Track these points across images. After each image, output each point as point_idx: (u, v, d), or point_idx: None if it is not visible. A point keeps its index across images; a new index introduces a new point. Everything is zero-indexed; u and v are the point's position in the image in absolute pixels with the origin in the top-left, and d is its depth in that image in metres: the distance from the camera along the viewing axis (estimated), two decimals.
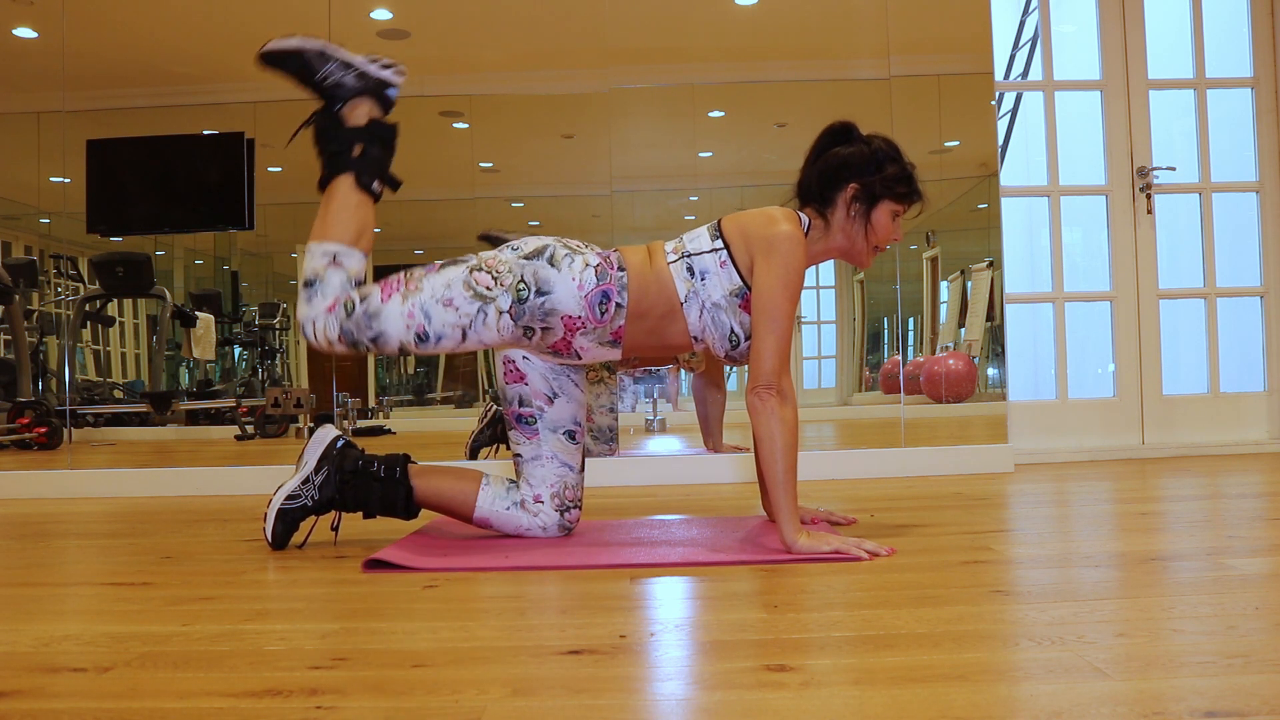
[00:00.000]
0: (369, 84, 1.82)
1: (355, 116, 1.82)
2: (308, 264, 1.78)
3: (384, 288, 1.77)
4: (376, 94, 1.84)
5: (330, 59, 1.80)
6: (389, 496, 1.85)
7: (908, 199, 1.84)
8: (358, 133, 1.82)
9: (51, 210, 3.42)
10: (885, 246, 1.88)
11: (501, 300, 1.75)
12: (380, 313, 1.74)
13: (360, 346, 1.77)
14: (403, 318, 1.74)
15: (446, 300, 1.75)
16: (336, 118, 1.82)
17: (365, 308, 1.75)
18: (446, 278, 1.77)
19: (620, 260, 1.80)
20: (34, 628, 1.28)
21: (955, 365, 3.54)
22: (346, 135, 1.81)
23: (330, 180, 1.82)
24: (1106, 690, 0.91)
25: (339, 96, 1.81)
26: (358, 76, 1.81)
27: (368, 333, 1.75)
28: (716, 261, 1.78)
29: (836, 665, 1.02)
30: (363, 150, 1.81)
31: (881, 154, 1.83)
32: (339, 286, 1.76)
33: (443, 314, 1.75)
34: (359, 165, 1.81)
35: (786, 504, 1.66)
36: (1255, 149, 3.59)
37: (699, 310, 1.80)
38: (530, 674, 1.02)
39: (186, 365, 3.83)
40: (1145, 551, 1.62)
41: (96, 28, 3.34)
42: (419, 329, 1.75)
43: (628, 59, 3.28)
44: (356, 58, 1.82)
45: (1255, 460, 3.22)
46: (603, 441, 3.14)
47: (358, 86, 1.81)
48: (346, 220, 1.80)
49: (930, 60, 3.35)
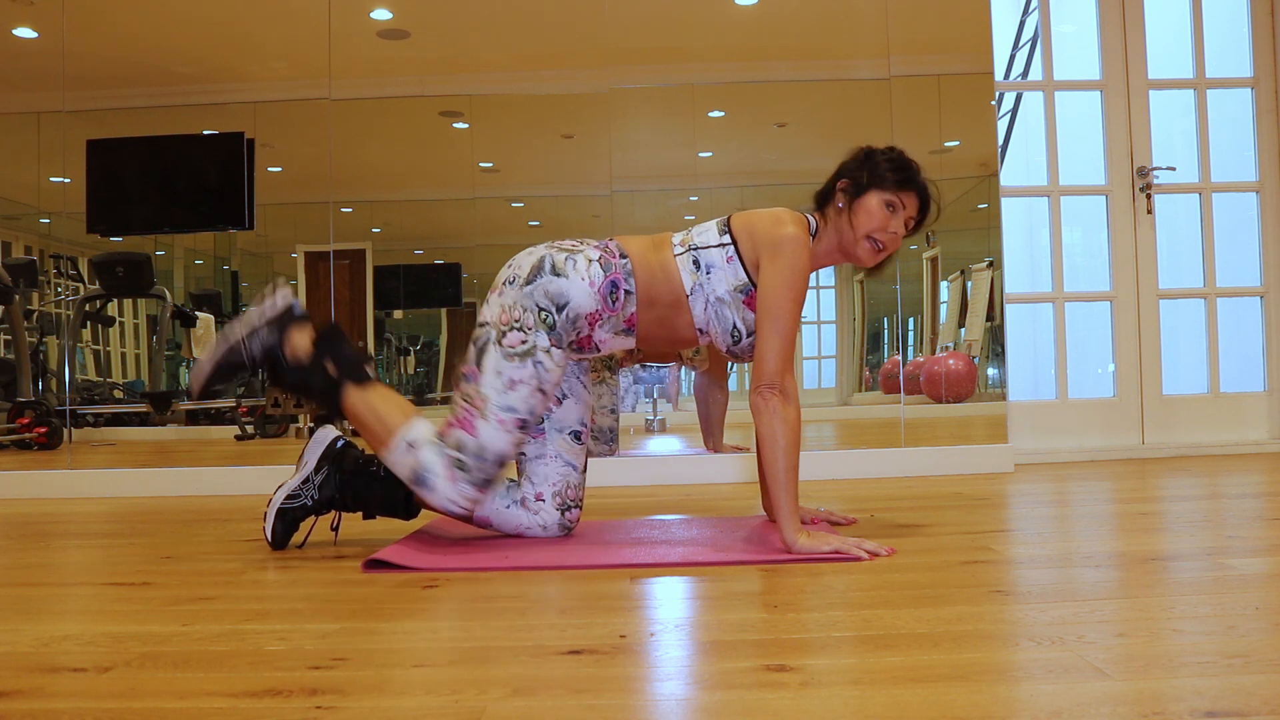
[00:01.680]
0: (280, 322, 1.84)
1: (300, 350, 1.84)
2: (400, 469, 1.78)
3: (463, 425, 1.77)
4: (289, 321, 1.85)
5: (242, 343, 1.83)
6: (389, 496, 1.86)
7: (899, 185, 1.80)
8: (317, 358, 1.84)
9: (51, 210, 3.42)
10: (882, 240, 1.80)
11: (540, 340, 1.77)
12: (483, 444, 1.76)
13: (495, 478, 1.80)
14: (499, 430, 1.76)
15: (509, 384, 1.76)
16: (292, 369, 1.83)
17: (470, 452, 1.76)
18: (492, 369, 1.77)
19: (620, 248, 1.83)
20: (34, 628, 1.28)
21: (955, 365, 3.54)
22: (313, 370, 1.83)
23: (340, 407, 1.83)
24: (1106, 690, 0.91)
25: (275, 354, 1.83)
26: (267, 329, 1.84)
27: (491, 467, 1.77)
28: (723, 256, 1.80)
29: (836, 665, 1.02)
30: (333, 363, 1.83)
31: (876, 151, 1.83)
32: (437, 458, 1.76)
33: (515, 395, 1.76)
34: (345, 374, 1.83)
35: (787, 504, 1.66)
36: (1255, 149, 3.59)
37: (704, 303, 1.81)
38: (530, 674, 1.02)
39: (186, 365, 3.83)
40: (1145, 551, 1.62)
41: (96, 28, 3.34)
42: (515, 422, 1.77)
43: (628, 59, 3.28)
44: (251, 315, 1.85)
45: (1255, 460, 3.22)
46: (603, 442, 3.14)
47: (274, 336, 1.84)
48: (384, 412, 1.80)
49: (930, 60, 3.35)
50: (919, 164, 1.84)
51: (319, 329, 1.87)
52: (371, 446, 1.84)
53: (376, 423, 1.79)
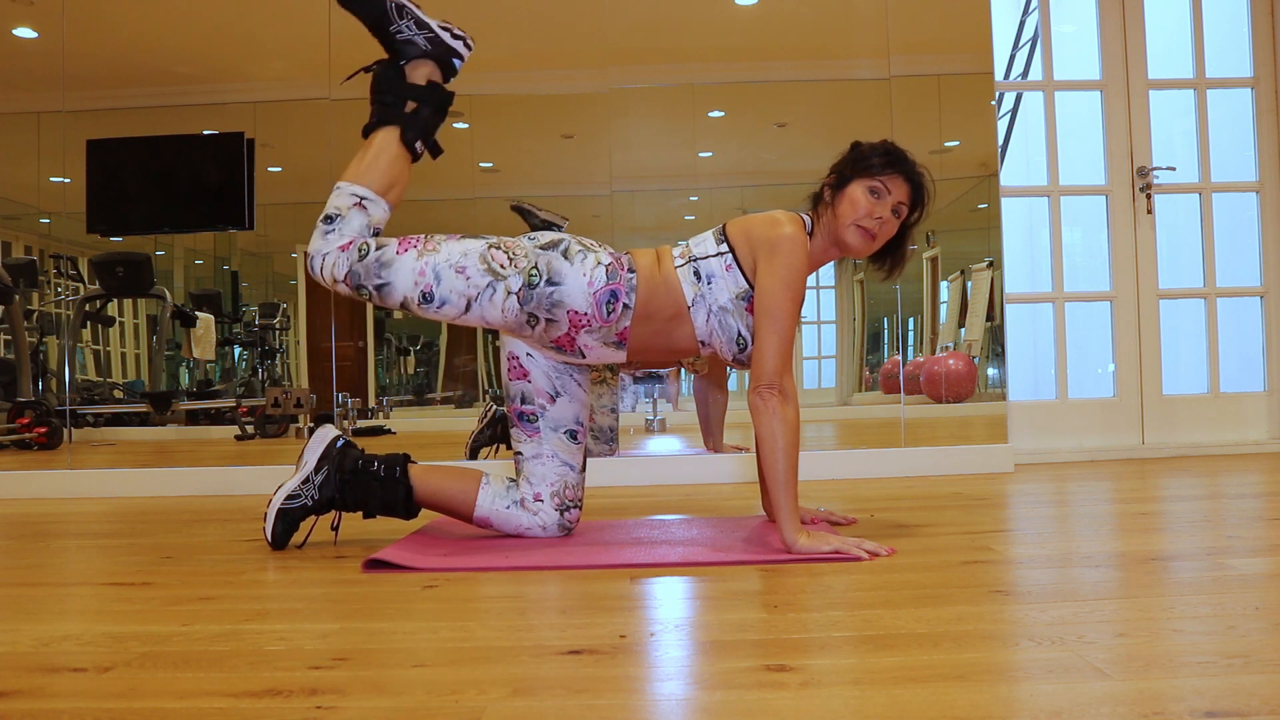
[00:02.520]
0: (438, 49, 1.85)
1: (416, 75, 1.85)
2: (332, 201, 1.80)
3: (402, 242, 1.78)
4: (442, 60, 1.86)
5: (407, 14, 1.83)
6: (389, 496, 1.85)
7: (882, 169, 1.78)
8: (415, 90, 1.84)
9: (51, 210, 3.42)
10: (869, 227, 1.78)
11: (512, 281, 1.76)
12: (393, 263, 1.76)
13: (363, 292, 1.78)
14: (413, 273, 1.75)
15: (460, 267, 1.76)
16: (399, 71, 1.84)
17: (379, 255, 1.76)
18: (464, 246, 1.78)
19: (631, 263, 1.81)
20: (34, 628, 1.28)
21: (955, 365, 3.54)
22: (404, 90, 1.83)
23: (376, 128, 1.84)
24: (1106, 690, 0.91)
25: (407, 53, 1.83)
26: (429, 39, 1.84)
27: (375, 280, 1.76)
28: (722, 265, 1.80)
29: (836, 665, 1.02)
30: (415, 109, 1.84)
31: (860, 145, 1.84)
32: (358, 229, 1.78)
33: (453, 280, 1.76)
34: (408, 121, 1.83)
35: (787, 504, 1.66)
36: (1255, 149, 3.59)
37: (706, 314, 1.81)
38: (530, 674, 1.02)
39: (186, 365, 3.83)
40: (1145, 551, 1.62)
41: (96, 28, 3.34)
42: (426, 288, 1.76)
43: (628, 59, 3.28)
44: (432, 20, 1.85)
45: (1255, 460, 3.22)
46: (603, 441, 3.13)
47: (426, 48, 1.84)
48: (383, 169, 1.81)
49: (930, 60, 3.35)
50: (908, 151, 1.83)
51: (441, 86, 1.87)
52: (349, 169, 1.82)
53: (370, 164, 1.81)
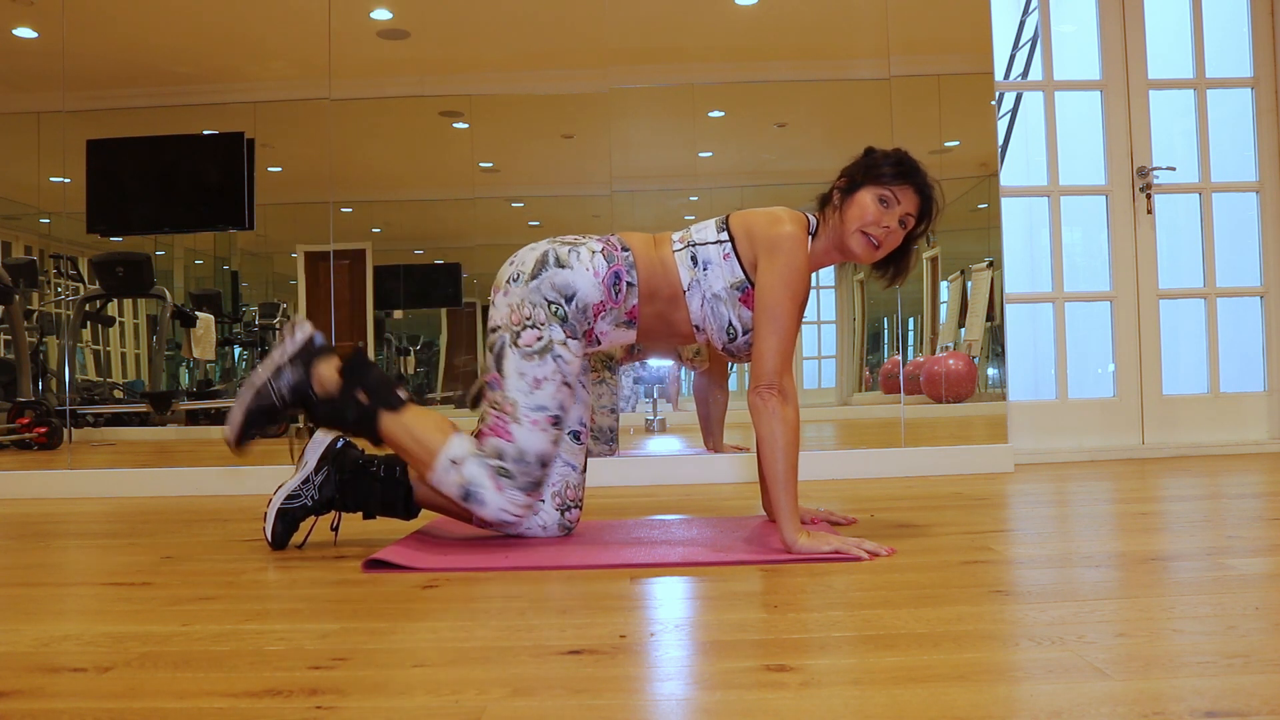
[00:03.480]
0: (304, 356, 1.83)
1: (329, 382, 1.82)
2: (448, 488, 1.78)
3: (497, 433, 1.77)
4: (313, 355, 1.84)
5: (266, 386, 1.81)
6: (389, 496, 1.85)
7: (893, 180, 1.77)
8: (347, 388, 1.82)
9: (51, 210, 3.42)
10: (875, 235, 1.77)
11: (555, 333, 1.77)
12: (522, 448, 1.76)
13: (540, 479, 1.79)
14: (534, 430, 1.76)
15: (534, 383, 1.77)
16: (324, 403, 1.82)
17: (511, 458, 1.76)
18: (514, 371, 1.77)
19: (622, 241, 1.84)
20: (34, 628, 1.28)
21: (955, 365, 3.54)
22: (345, 401, 1.81)
23: (380, 434, 1.81)
24: (1106, 690, 0.91)
25: (304, 391, 1.82)
26: (291, 365, 1.82)
27: (534, 469, 1.78)
28: (720, 253, 1.80)
29: (836, 665, 1.02)
30: (363, 392, 1.81)
31: (874, 151, 1.83)
32: (482, 471, 1.76)
33: (542, 393, 1.77)
34: (377, 401, 1.81)
35: (787, 504, 1.66)
36: (1255, 149, 3.59)
37: (700, 299, 1.82)
38: (530, 674, 1.02)
39: (186, 365, 3.83)
40: (1145, 551, 1.62)
41: (96, 28, 3.33)
42: (548, 420, 1.77)
43: (627, 59, 3.28)
44: (273, 355, 1.83)
45: (1255, 460, 3.22)
46: (603, 441, 3.13)
47: (301, 373, 1.82)
48: (422, 434, 1.79)
49: (930, 60, 3.35)
50: (921, 163, 1.83)
51: (344, 357, 1.85)
52: (416, 470, 1.82)
53: (417, 446, 1.78)
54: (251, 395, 1.82)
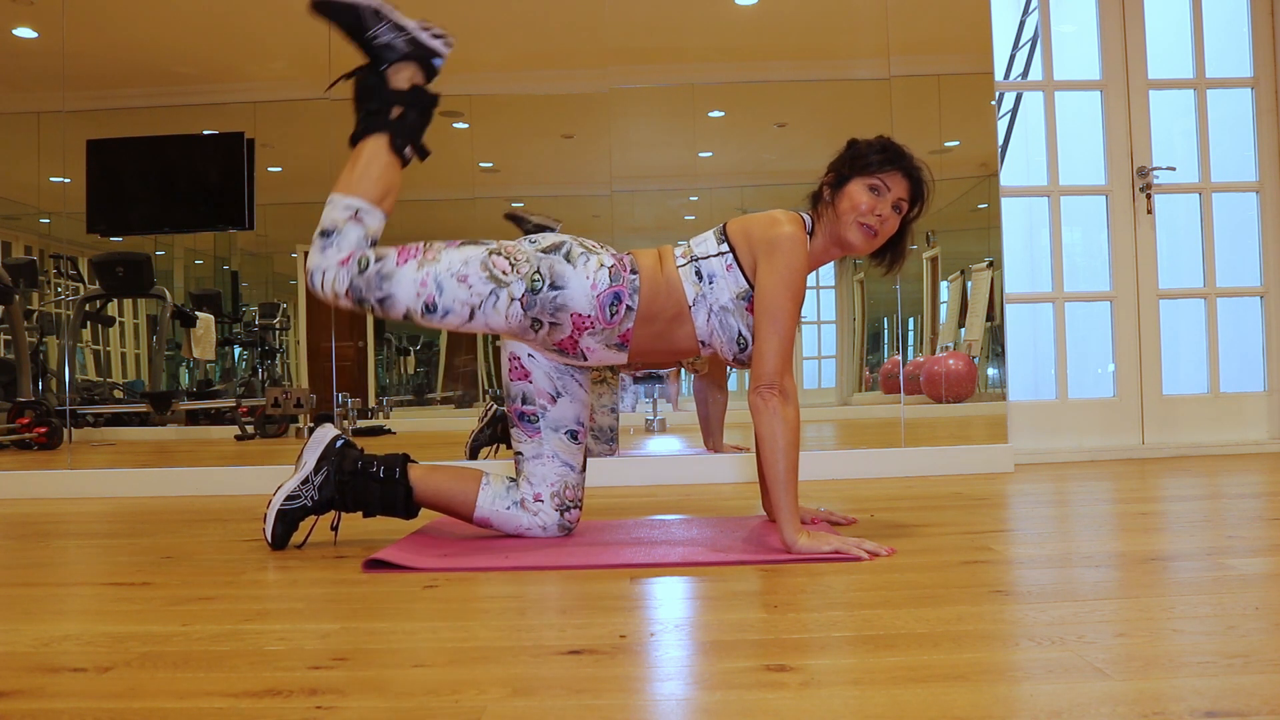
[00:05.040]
0: (418, 50, 1.82)
1: (399, 79, 1.82)
2: (327, 214, 1.78)
3: (401, 252, 1.77)
4: (423, 61, 1.84)
5: (384, 18, 1.80)
6: (389, 496, 1.85)
7: (881, 166, 1.78)
8: (400, 95, 1.81)
9: (51, 210, 3.42)
10: (870, 224, 1.79)
11: (515, 287, 1.75)
12: (393, 275, 1.74)
13: (366, 305, 1.77)
14: (415, 284, 1.74)
15: (462, 276, 1.75)
16: (381, 77, 1.81)
17: (379, 268, 1.75)
18: (465, 255, 1.77)
19: (633, 263, 1.81)
20: (34, 628, 1.28)
21: (955, 365, 3.54)
22: (388, 96, 1.81)
23: (364, 137, 1.82)
24: (1106, 690, 0.91)
25: (386, 58, 1.81)
26: (408, 41, 1.81)
27: (377, 292, 1.75)
28: (723, 265, 1.80)
29: (836, 665, 1.02)
30: (401, 114, 1.81)
31: (857, 143, 1.83)
32: (356, 241, 1.76)
33: (455, 289, 1.75)
34: (395, 127, 1.81)
35: (787, 504, 1.66)
36: (1255, 149, 3.59)
37: (707, 314, 1.81)
38: (530, 674, 1.02)
39: (186, 365, 3.83)
40: (1145, 551, 1.62)
41: (96, 28, 3.34)
42: (429, 299, 1.75)
43: (628, 59, 3.28)
44: (409, 21, 1.82)
45: (1255, 460, 3.22)
46: (603, 441, 3.13)
47: (406, 51, 1.81)
48: (375, 178, 1.79)
49: (930, 60, 3.35)
50: (905, 146, 1.83)
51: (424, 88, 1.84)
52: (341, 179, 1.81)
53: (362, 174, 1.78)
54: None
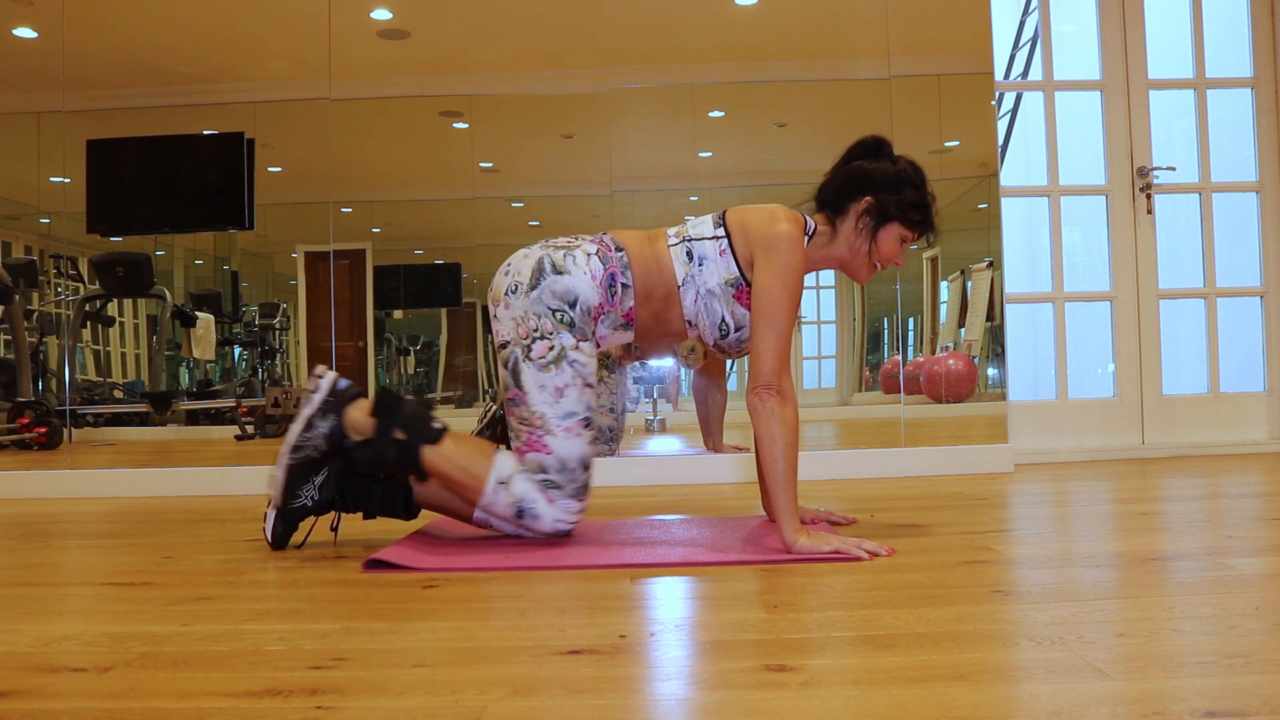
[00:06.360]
0: (333, 404, 1.80)
1: (363, 425, 1.79)
2: (501, 510, 1.77)
3: (534, 448, 1.76)
4: (344, 400, 1.81)
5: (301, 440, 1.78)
6: (389, 497, 1.85)
7: (919, 227, 1.84)
8: (383, 428, 1.77)
9: (51, 210, 3.42)
10: (885, 267, 1.88)
11: (565, 340, 1.76)
12: (561, 457, 1.75)
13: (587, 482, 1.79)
14: (569, 438, 1.75)
15: (556, 393, 1.75)
16: (362, 447, 1.78)
17: (554, 470, 1.75)
18: (534, 385, 1.76)
19: (615, 241, 1.83)
20: (34, 628, 1.28)
21: (955, 365, 3.54)
22: (383, 442, 1.77)
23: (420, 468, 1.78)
24: (1106, 690, 0.91)
25: (340, 438, 1.79)
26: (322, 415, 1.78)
27: (579, 474, 1.77)
28: (716, 249, 1.80)
29: (836, 665, 1.02)
30: (400, 428, 1.77)
31: (905, 176, 1.82)
32: (528, 486, 1.76)
33: (567, 401, 1.75)
34: (417, 437, 1.77)
35: (787, 504, 1.66)
36: (1255, 149, 3.59)
37: (694, 295, 1.82)
38: (530, 674, 1.02)
39: (186, 365, 3.83)
40: (1145, 551, 1.62)
41: (96, 28, 3.34)
42: (579, 424, 1.76)
43: (628, 59, 3.28)
44: (304, 410, 1.79)
45: (1255, 460, 3.22)
46: (603, 441, 3.13)
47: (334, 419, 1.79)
48: (465, 461, 1.77)
49: (930, 60, 3.35)
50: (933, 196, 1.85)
51: (375, 399, 1.81)
52: (464, 498, 1.79)
53: (463, 474, 1.76)
54: (288, 454, 1.80)
